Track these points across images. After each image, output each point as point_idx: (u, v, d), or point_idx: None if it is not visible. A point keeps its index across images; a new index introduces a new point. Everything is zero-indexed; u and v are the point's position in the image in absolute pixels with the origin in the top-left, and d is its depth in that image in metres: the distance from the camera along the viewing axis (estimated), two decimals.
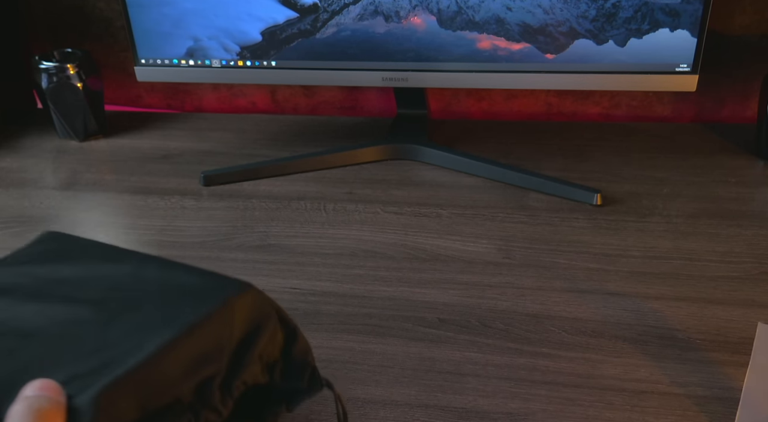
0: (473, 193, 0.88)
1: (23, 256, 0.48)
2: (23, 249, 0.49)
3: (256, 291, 0.41)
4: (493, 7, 0.86)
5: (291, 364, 0.43)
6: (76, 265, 0.45)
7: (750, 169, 0.90)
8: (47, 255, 0.47)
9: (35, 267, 0.46)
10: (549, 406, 0.57)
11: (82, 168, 1.01)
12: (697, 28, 0.83)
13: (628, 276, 0.71)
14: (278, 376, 0.42)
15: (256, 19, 0.93)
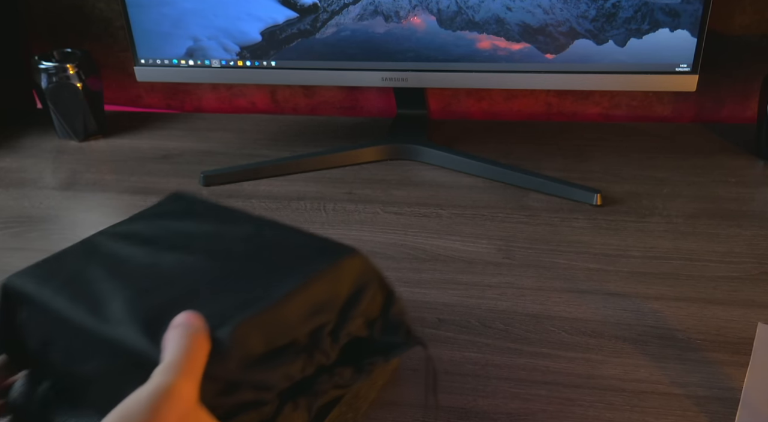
0: (473, 193, 0.88)
1: (158, 212, 0.56)
2: (155, 206, 0.57)
3: (364, 257, 0.47)
4: (492, 7, 0.86)
5: (388, 322, 0.48)
6: (203, 223, 0.52)
7: (750, 169, 0.90)
8: (177, 212, 0.55)
9: (169, 222, 0.54)
10: (549, 407, 0.56)
11: (81, 168, 1.00)
12: (697, 28, 0.83)
13: (628, 276, 0.71)
14: (377, 331, 0.48)
15: (255, 19, 0.92)
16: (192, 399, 0.36)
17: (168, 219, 0.54)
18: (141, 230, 0.53)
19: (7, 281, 0.49)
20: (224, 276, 0.46)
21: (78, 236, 0.86)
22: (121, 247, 0.50)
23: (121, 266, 0.48)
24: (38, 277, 0.49)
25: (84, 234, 0.85)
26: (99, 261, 0.49)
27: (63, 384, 0.47)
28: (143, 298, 0.44)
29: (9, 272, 0.78)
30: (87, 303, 0.44)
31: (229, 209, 0.55)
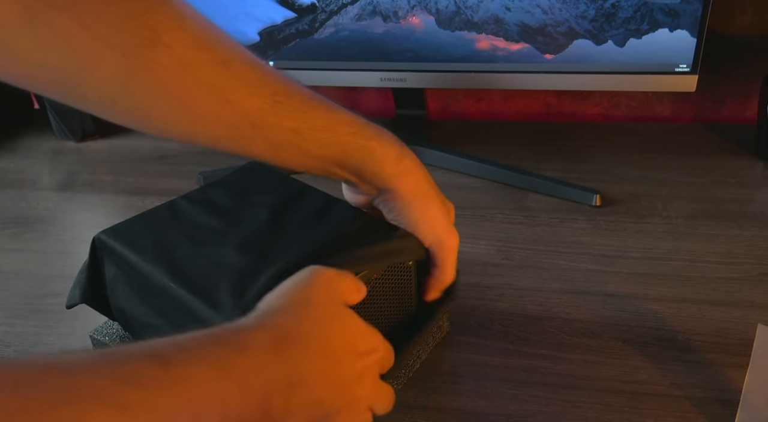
0: (472, 194, 0.88)
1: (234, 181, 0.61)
2: (232, 175, 0.62)
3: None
4: (491, 7, 0.86)
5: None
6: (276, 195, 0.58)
7: (750, 170, 0.90)
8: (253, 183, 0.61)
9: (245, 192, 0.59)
10: (548, 408, 0.56)
11: (79, 169, 1.00)
12: (696, 28, 0.82)
13: (627, 277, 0.71)
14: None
15: (253, 19, 0.92)
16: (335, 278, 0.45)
17: (243, 190, 0.60)
18: (219, 199, 0.58)
19: (97, 237, 0.54)
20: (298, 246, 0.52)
21: (76, 237, 0.86)
22: (200, 215, 0.56)
23: (199, 233, 0.54)
24: (127, 237, 0.54)
25: (82, 234, 0.85)
26: (181, 226, 0.54)
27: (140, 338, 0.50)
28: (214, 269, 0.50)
29: (6, 273, 0.78)
30: (168, 266, 0.50)
31: (300, 183, 0.60)
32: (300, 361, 0.39)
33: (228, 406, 0.34)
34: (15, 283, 0.77)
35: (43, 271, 0.78)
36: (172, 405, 0.32)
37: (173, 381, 0.32)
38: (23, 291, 0.75)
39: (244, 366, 0.36)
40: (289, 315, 0.41)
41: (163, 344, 0.34)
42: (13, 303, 0.74)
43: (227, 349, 0.36)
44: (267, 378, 0.37)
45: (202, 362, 0.34)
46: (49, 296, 0.74)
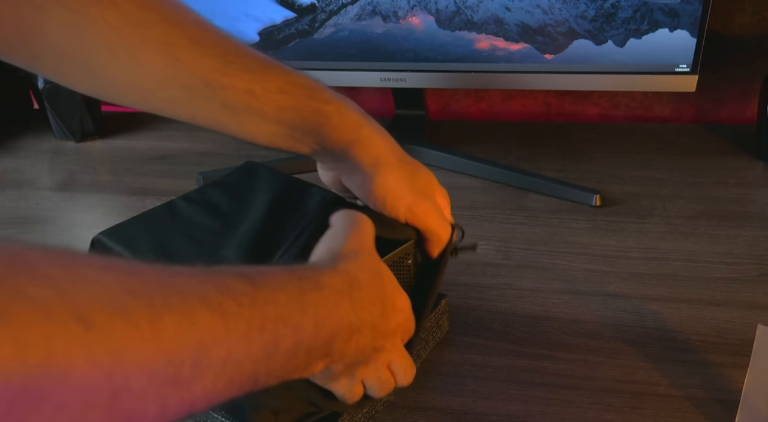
0: (472, 194, 0.88)
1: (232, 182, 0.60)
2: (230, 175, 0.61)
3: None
4: (491, 7, 0.86)
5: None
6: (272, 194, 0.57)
7: (750, 170, 0.90)
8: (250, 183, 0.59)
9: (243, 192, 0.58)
10: (548, 408, 0.56)
11: (78, 169, 1.00)
12: (696, 29, 0.82)
13: (627, 277, 0.71)
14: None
15: (253, 19, 0.92)
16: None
17: (242, 190, 0.59)
18: (217, 200, 0.57)
19: (96, 238, 0.53)
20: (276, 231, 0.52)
21: (76, 237, 0.86)
22: (199, 215, 0.56)
23: (198, 234, 0.53)
24: (126, 238, 0.53)
25: (81, 235, 0.85)
26: (180, 227, 0.54)
27: None
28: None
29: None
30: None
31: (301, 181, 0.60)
32: (362, 308, 0.41)
33: (302, 336, 0.36)
34: None
35: None
36: (258, 320, 0.33)
37: (260, 299, 0.34)
38: None
39: (320, 304, 0.38)
40: (353, 260, 0.43)
41: (249, 268, 0.36)
42: None
43: (307, 283, 0.38)
44: (337, 320, 0.39)
45: (285, 290, 0.36)
46: None
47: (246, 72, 0.48)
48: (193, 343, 0.30)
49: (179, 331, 0.30)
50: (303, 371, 0.38)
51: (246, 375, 0.33)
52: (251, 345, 0.33)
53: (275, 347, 0.34)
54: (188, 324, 0.30)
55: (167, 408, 0.29)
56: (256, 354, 0.33)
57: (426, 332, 0.61)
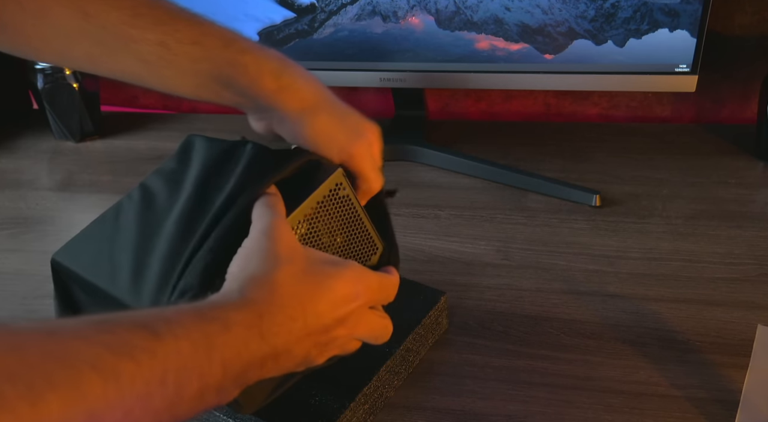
0: (471, 194, 0.88)
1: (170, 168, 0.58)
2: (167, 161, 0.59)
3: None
4: (491, 7, 0.86)
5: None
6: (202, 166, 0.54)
7: (750, 170, 0.90)
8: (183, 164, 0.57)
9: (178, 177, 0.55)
10: (548, 408, 0.56)
11: (77, 169, 1.00)
12: (696, 29, 0.82)
13: (627, 277, 0.71)
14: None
15: (253, 19, 0.92)
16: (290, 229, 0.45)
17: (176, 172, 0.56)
18: (155, 190, 0.55)
19: (53, 260, 0.52)
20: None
21: None
22: (140, 212, 0.53)
23: (139, 231, 0.51)
24: (75, 255, 0.52)
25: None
26: (123, 232, 0.51)
27: None
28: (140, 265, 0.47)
29: (5, 274, 0.78)
30: (108, 273, 0.48)
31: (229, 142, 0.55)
32: (275, 335, 0.39)
33: (208, 380, 0.35)
34: (13, 284, 0.76)
35: (41, 272, 0.78)
36: (159, 375, 0.33)
37: (162, 353, 0.33)
38: (22, 292, 0.75)
39: (228, 346, 0.37)
40: (264, 285, 0.41)
41: (151, 315, 0.35)
42: (11, 303, 0.73)
43: (213, 326, 0.37)
44: (248, 355, 0.38)
45: (189, 337, 0.35)
46: (47, 297, 0.73)
47: (157, 24, 0.47)
48: (82, 414, 0.30)
49: (65, 408, 0.29)
50: (216, 403, 0.38)
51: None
52: (151, 400, 0.32)
53: (179, 396, 0.34)
54: (76, 396, 0.30)
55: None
56: (158, 406, 0.33)
57: (424, 329, 0.61)
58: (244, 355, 0.38)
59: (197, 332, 0.36)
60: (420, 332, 0.61)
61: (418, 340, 0.61)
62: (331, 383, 0.55)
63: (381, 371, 0.56)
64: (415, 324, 0.60)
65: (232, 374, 0.37)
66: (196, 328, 0.36)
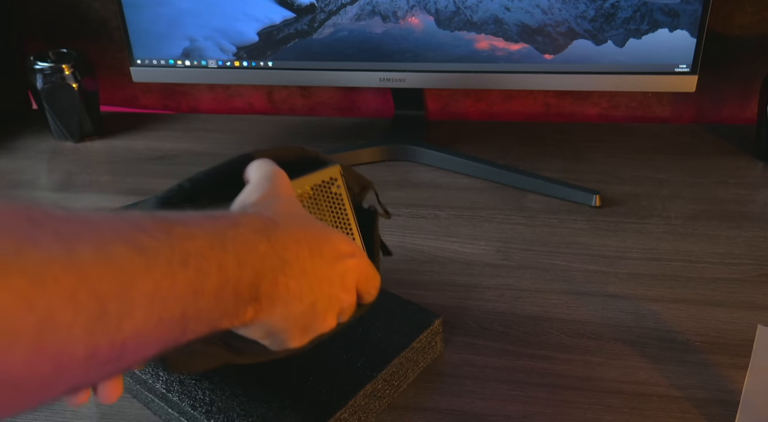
0: (471, 195, 0.87)
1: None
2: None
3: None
4: (491, 7, 0.86)
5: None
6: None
7: (750, 170, 0.90)
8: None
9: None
10: (547, 409, 0.56)
11: (77, 169, 1.00)
12: (696, 29, 0.82)
13: (627, 278, 0.71)
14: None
15: (252, 19, 0.92)
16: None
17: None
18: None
19: None
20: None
21: None
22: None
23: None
24: None
25: None
26: None
27: None
28: None
29: None
30: None
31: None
32: (284, 249, 0.39)
33: (226, 274, 0.35)
34: None
35: None
36: (180, 256, 0.32)
37: (177, 234, 0.33)
38: None
39: (239, 240, 0.36)
40: (267, 208, 0.41)
41: (158, 211, 0.35)
42: None
43: (222, 221, 0.37)
44: (258, 257, 0.37)
45: (201, 227, 0.35)
46: None
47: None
48: (113, 275, 0.29)
49: (97, 261, 0.28)
50: (233, 317, 0.36)
51: (175, 315, 0.32)
52: (176, 282, 0.32)
53: (201, 285, 0.33)
54: (104, 255, 0.29)
55: (97, 349, 0.28)
56: (183, 292, 0.32)
57: (414, 353, 0.58)
58: (254, 256, 0.37)
59: (208, 224, 0.36)
60: (408, 356, 0.58)
61: (406, 364, 0.58)
62: (310, 400, 0.53)
63: (358, 396, 0.53)
64: (403, 347, 0.57)
65: (246, 276, 0.36)
66: (206, 222, 0.36)
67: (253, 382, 0.55)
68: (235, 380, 0.55)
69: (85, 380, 0.30)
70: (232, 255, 0.35)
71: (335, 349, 0.57)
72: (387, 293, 0.62)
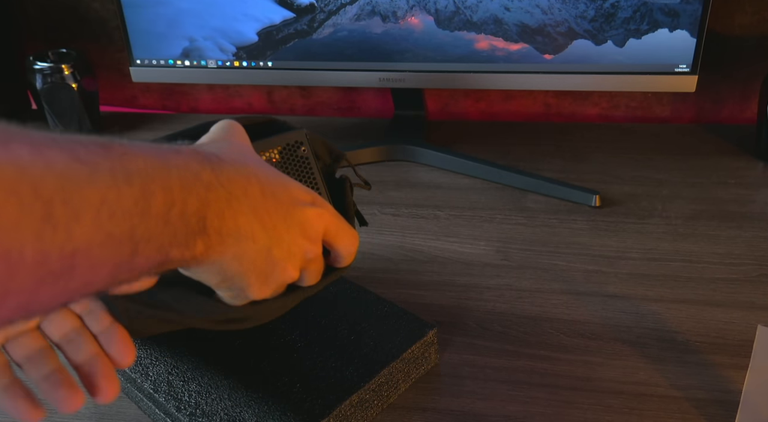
0: (471, 195, 0.87)
1: None
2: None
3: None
4: (491, 7, 0.86)
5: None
6: None
7: (749, 171, 0.90)
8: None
9: None
10: (547, 409, 0.56)
11: None
12: (696, 29, 0.82)
13: (627, 278, 0.71)
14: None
15: (252, 19, 0.92)
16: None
17: None
18: None
19: None
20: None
21: None
22: None
23: None
24: None
25: None
26: None
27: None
28: None
29: None
30: None
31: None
32: (231, 182, 0.37)
33: (171, 196, 0.33)
34: None
35: None
36: (123, 172, 0.31)
37: (117, 153, 0.32)
38: None
39: (181, 166, 0.35)
40: (213, 146, 0.40)
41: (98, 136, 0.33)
42: None
43: (162, 148, 0.35)
44: (202, 186, 0.35)
45: (141, 150, 0.33)
46: None
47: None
48: (55, 178, 0.28)
49: (34, 160, 0.27)
50: (183, 247, 0.35)
51: (124, 231, 0.31)
52: (121, 196, 0.30)
53: (147, 204, 0.32)
54: (43, 158, 0.28)
55: (47, 255, 0.27)
56: (129, 207, 0.31)
57: (404, 363, 0.57)
58: (198, 184, 0.35)
59: (148, 148, 0.34)
60: (398, 367, 0.56)
61: (396, 375, 0.57)
62: (294, 408, 0.52)
63: (343, 405, 0.52)
64: (393, 358, 0.56)
65: (192, 203, 0.34)
66: (145, 146, 0.34)
67: (241, 386, 0.54)
68: (224, 384, 0.55)
69: (37, 296, 0.28)
70: (176, 179, 0.34)
71: (325, 356, 0.56)
72: (382, 300, 0.62)
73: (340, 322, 0.60)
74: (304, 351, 0.57)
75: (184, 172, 0.35)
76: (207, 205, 0.36)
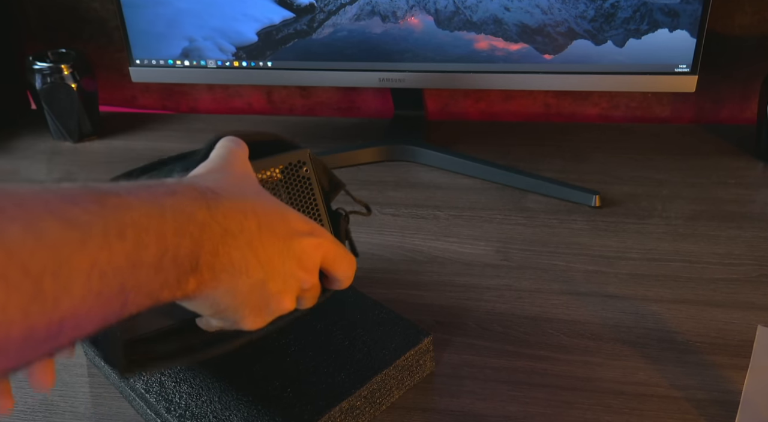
0: (471, 195, 0.87)
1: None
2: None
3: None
4: (490, 7, 0.86)
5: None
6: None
7: (749, 171, 0.90)
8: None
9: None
10: (547, 409, 0.56)
11: (76, 169, 1.00)
12: (696, 29, 0.82)
13: (627, 278, 0.71)
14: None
15: (251, 19, 0.92)
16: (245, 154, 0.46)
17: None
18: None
19: None
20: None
21: None
22: None
23: None
24: None
25: None
26: None
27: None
28: None
29: None
30: None
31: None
32: (227, 218, 0.37)
33: (165, 243, 0.33)
34: None
35: None
36: (116, 228, 0.31)
37: (111, 205, 0.32)
38: None
39: (176, 208, 0.35)
40: (209, 179, 0.40)
41: (95, 184, 0.34)
42: None
43: (158, 190, 0.35)
44: (196, 226, 0.35)
45: (137, 197, 0.34)
46: None
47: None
48: (46, 252, 0.28)
49: (26, 239, 0.27)
50: (174, 288, 0.35)
51: (114, 288, 0.31)
52: (113, 254, 0.31)
53: (139, 256, 0.32)
54: (34, 232, 0.28)
55: (34, 329, 0.28)
56: (121, 264, 0.31)
57: (398, 371, 0.56)
58: (193, 225, 0.35)
59: (143, 193, 0.34)
60: (391, 374, 0.56)
61: (389, 382, 0.56)
62: (283, 413, 0.52)
63: (333, 411, 0.52)
64: (386, 365, 0.55)
65: (186, 245, 0.35)
66: (141, 190, 0.34)
67: (232, 389, 0.54)
68: (215, 386, 0.55)
69: (22, 360, 0.29)
70: (171, 223, 0.34)
71: (318, 360, 0.56)
72: (379, 305, 0.62)
73: (335, 327, 0.60)
74: (298, 355, 0.57)
75: (178, 215, 0.35)
76: (200, 244, 0.36)
